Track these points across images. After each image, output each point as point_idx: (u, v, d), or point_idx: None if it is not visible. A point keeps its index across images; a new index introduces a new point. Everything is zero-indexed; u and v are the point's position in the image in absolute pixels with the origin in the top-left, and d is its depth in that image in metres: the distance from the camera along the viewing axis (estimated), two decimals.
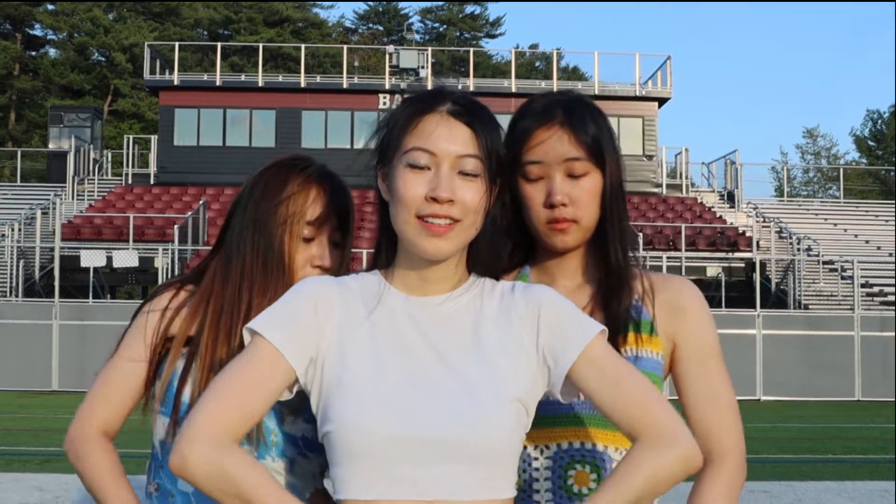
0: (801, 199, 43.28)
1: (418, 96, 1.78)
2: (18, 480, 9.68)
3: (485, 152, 1.72)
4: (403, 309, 1.73)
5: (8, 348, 22.32)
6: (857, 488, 9.84)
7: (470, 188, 1.69)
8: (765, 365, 22.62)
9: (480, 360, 1.69)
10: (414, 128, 1.72)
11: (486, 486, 1.64)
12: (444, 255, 1.70)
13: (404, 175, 1.70)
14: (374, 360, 1.68)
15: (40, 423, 16.00)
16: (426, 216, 1.66)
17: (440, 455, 1.61)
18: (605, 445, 1.96)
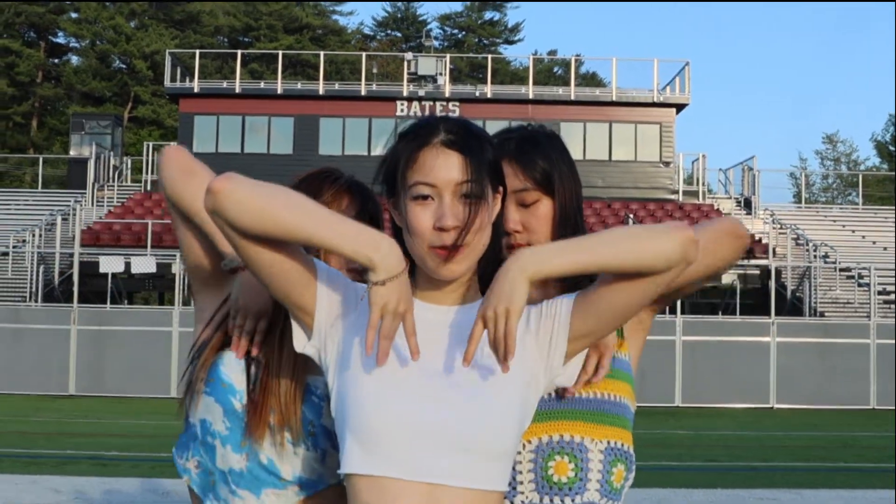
0: (819, 206, 43.07)
1: (414, 131, 1.94)
2: (35, 482, 9.85)
3: (479, 174, 1.88)
4: (422, 316, 1.88)
5: (27, 353, 22.48)
6: (868, 496, 9.90)
7: (473, 211, 1.86)
8: (779, 373, 22.54)
9: (488, 361, 1.85)
10: (414, 163, 1.89)
11: (486, 478, 1.83)
12: (458, 276, 1.91)
13: (412, 208, 1.88)
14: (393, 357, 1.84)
15: (56, 426, 16.15)
16: (434, 242, 1.86)
17: (448, 446, 1.80)
18: (581, 437, 2.11)
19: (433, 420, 1.80)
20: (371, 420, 1.81)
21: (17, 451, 12.60)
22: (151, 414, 18.59)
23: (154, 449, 13.07)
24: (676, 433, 16.68)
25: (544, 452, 2.10)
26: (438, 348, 1.88)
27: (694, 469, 12.12)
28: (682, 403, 22.10)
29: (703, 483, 10.66)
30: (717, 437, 16.33)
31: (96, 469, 11.02)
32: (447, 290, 1.95)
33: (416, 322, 1.82)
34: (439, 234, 1.85)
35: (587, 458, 2.11)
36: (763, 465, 12.60)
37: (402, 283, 1.77)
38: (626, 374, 2.21)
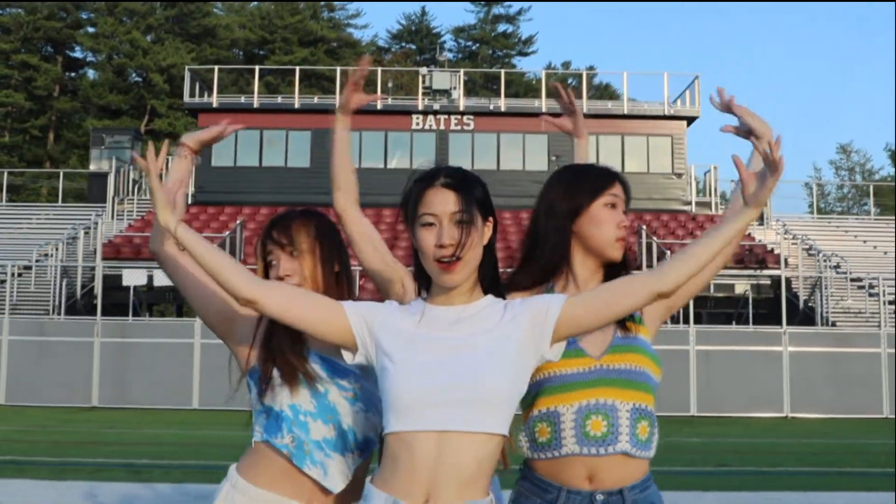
0: (832, 216, 43.23)
1: (422, 177, 2.63)
2: (72, 488, 10.25)
3: (469, 206, 2.54)
4: (436, 314, 2.59)
5: (51, 365, 22.75)
6: (870, 498, 10.22)
7: (466, 233, 2.51)
8: (792, 382, 22.75)
9: (485, 342, 2.50)
10: (421, 200, 2.57)
11: (482, 423, 2.43)
12: (457, 284, 2.56)
13: (420, 232, 2.55)
14: (415, 338, 2.54)
15: (86, 436, 16.49)
16: (439, 258, 2.51)
17: (454, 402, 2.42)
18: (612, 400, 2.75)
19: (443, 385, 2.43)
20: (398, 393, 2.46)
21: (50, 459, 13.00)
22: (176, 424, 18.97)
23: (183, 457, 13.46)
24: (690, 441, 16.94)
25: (583, 413, 2.73)
26: (448, 336, 2.53)
27: (705, 474, 12.42)
28: (697, 413, 22.33)
29: (713, 486, 11.01)
30: (730, 444, 16.60)
31: (129, 476, 11.39)
32: (454, 295, 2.59)
33: (431, 319, 2.57)
34: (440, 251, 2.50)
35: (617, 417, 2.73)
36: (772, 469, 12.90)
37: None
38: (646, 350, 2.85)
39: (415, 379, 2.44)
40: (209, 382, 22.33)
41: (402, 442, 2.44)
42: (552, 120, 3.72)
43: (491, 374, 2.44)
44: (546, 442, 2.76)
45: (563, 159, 34.74)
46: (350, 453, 2.85)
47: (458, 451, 2.41)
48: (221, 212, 33.85)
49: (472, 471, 2.42)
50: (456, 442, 2.41)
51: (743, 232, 2.66)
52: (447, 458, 2.40)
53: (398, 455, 2.45)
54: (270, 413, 2.89)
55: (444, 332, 2.53)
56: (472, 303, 2.59)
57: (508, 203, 33.88)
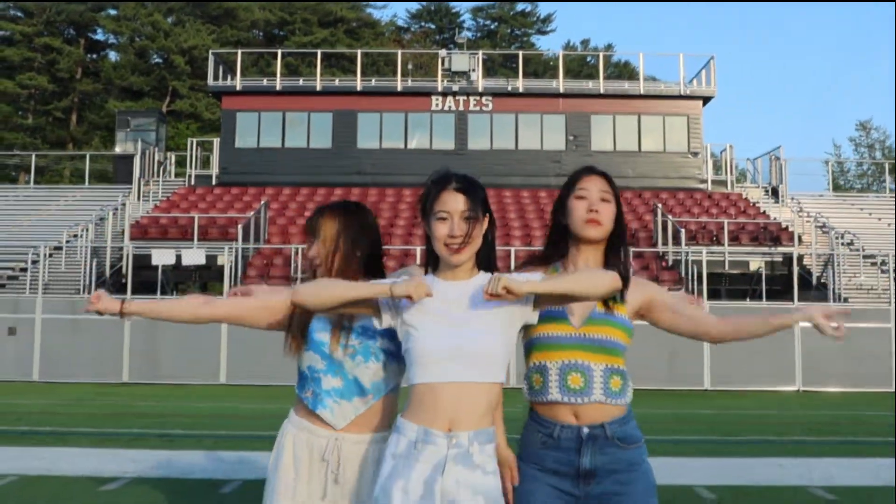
0: (847, 194, 43.53)
1: (437, 180, 3.38)
2: (115, 455, 10.90)
3: (474, 206, 3.33)
4: (442, 288, 3.34)
5: (83, 342, 23.48)
6: (867, 464, 10.77)
7: (471, 227, 3.31)
8: (804, 357, 23.19)
9: (484, 310, 3.27)
10: (437, 199, 3.34)
11: (484, 373, 3.24)
12: (462, 263, 3.35)
13: (436, 224, 3.34)
14: (430, 308, 3.29)
15: (120, 409, 17.10)
16: (450, 244, 3.30)
17: (459, 356, 3.21)
18: (587, 361, 3.45)
19: (454, 346, 3.21)
20: (421, 353, 3.24)
21: (88, 430, 13.66)
22: (205, 398, 19.64)
23: (214, 427, 14.10)
24: (702, 412, 17.49)
25: (564, 370, 3.44)
26: (457, 305, 3.29)
27: (712, 442, 13.00)
28: (710, 387, 22.86)
29: (719, 454, 11.58)
30: (740, 415, 17.11)
31: (165, 444, 12.03)
32: (458, 272, 3.36)
33: (441, 291, 3.31)
34: (451, 239, 3.29)
35: (591, 375, 3.43)
36: (778, 438, 13.44)
37: (406, 281, 3.24)
38: (619, 324, 3.54)
39: (433, 342, 3.22)
40: (236, 358, 23.02)
41: (428, 388, 3.22)
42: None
43: (489, 340, 3.24)
44: (539, 389, 3.49)
45: (581, 139, 35.18)
46: (357, 398, 3.59)
47: (472, 395, 3.20)
48: (245, 192, 34.44)
49: (482, 408, 3.23)
50: (469, 389, 3.20)
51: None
52: (463, 400, 3.19)
53: (423, 398, 3.22)
54: (300, 374, 3.73)
55: (452, 303, 3.28)
56: (471, 279, 3.35)
57: (526, 182, 34.38)
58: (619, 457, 3.39)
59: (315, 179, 35.65)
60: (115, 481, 9.10)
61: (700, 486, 9.04)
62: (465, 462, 3.13)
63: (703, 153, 36.53)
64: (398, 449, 3.20)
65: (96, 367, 23.40)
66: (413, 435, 3.18)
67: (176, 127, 61.52)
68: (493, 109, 36.00)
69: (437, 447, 3.15)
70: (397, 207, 32.85)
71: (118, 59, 67.99)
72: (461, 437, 3.16)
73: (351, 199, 28.39)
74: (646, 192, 34.28)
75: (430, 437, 3.16)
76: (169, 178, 38.08)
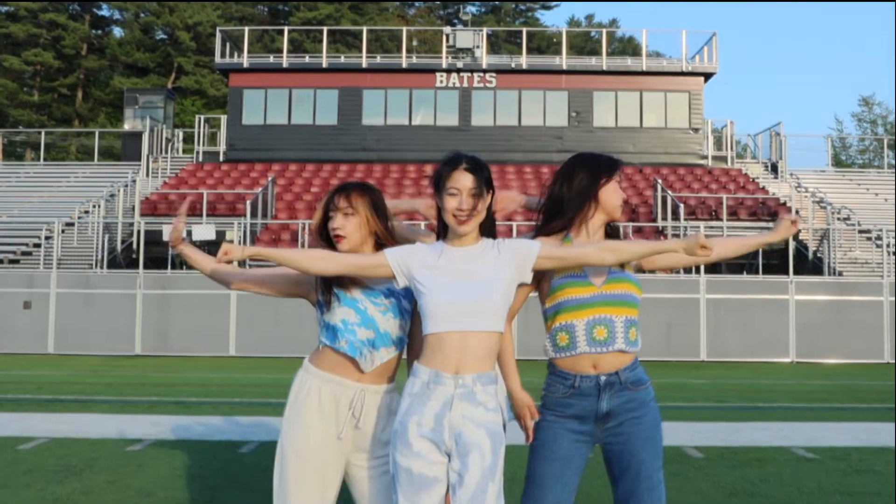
0: (845, 170, 44.01)
1: (449, 160, 3.91)
2: (135, 420, 11.53)
3: (480, 185, 3.86)
4: (451, 253, 3.89)
5: (96, 316, 24.05)
6: (849, 427, 11.35)
7: (477, 202, 3.85)
8: (797, 329, 23.72)
9: (485, 266, 3.84)
10: (449, 177, 3.87)
11: (487, 322, 3.77)
12: (468, 232, 3.88)
13: (447, 199, 3.86)
14: (439, 268, 3.83)
15: (136, 379, 17.68)
16: (458, 216, 3.82)
17: (464, 309, 3.75)
18: (611, 315, 3.99)
19: (461, 302, 3.74)
20: (431, 308, 3.77)
21: (108, 398, 14.26)
22: (216, 369, 20.25)
23: (228, 395, 14.70)
24: (697, 382, 18.06)
25: (591, 325, 3.98)
26: (462, 268, 3.82)
27: (703, 408, 13.58)
28: (706, 358, 23.43)
29: (710, 419, 12.18)
30: (732, 384, 17.66)
31: (182, 410, 12.64)
32: (464, 240, 3.89)
33: (449, 255, 3.86)
34: (460, 212, 3.82)
35: (614, 326, 3.99)
36: (766, 405, 14.02)
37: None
38: (631, 280, 4.08)
39: (442, 298, 3.75)
40: (245, 331, 23.64)
41: (438, 338, 3.76)
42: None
43: (491, 294, 3.78)
44: (565, 346, 4.03)
45: (583, 115, 35.64)
46: (384, 348, 4.10)
47: (475, 343, 3.74)
48: (252, 168, 34.99)
49: (484, 353, 3.77)
50: (472, 337, 3.74)
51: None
52: (468, 347, 3.73)
53: (435, 346, 3.76)
54: (329, 327, 4.14)
55: (459, 265, 3.83)
56: (475, 245, 3.91)
57: (528, 158, 34.87)
58: (631, 398, 4.01)
59: (321, 156, 36.18)
60: (140, 442, 9.71)
61: (689, 447, 9.62)
62: (469, 400, 3.71)
63: (704, 129, 37.02)
64: (414, 389, 3.77)
65: (109, 340, 23.99)
66: (426, 377, 3.74)
67: (181, 103, 61.85)
68: (497, 86, 36.48)
69: (445, 387, 3.70)
70: (402, 183, 33.37)
71: (123, 36, 68.27)
72: (466, 379, 3.71)
73: (356, 175, 28.87)
74: (647, 167, 34.78)
75: (440, 379, 3.72)
76: (177, 155, 38.62)
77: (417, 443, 3.68)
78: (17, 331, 24.08)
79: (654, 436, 4.05)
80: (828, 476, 8.25)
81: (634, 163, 35.14)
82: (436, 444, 3.68)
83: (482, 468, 3.63)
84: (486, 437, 3.67)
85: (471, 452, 3.65)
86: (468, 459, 3.64)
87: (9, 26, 63.08)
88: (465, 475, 3.62)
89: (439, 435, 3.67)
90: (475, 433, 3.67)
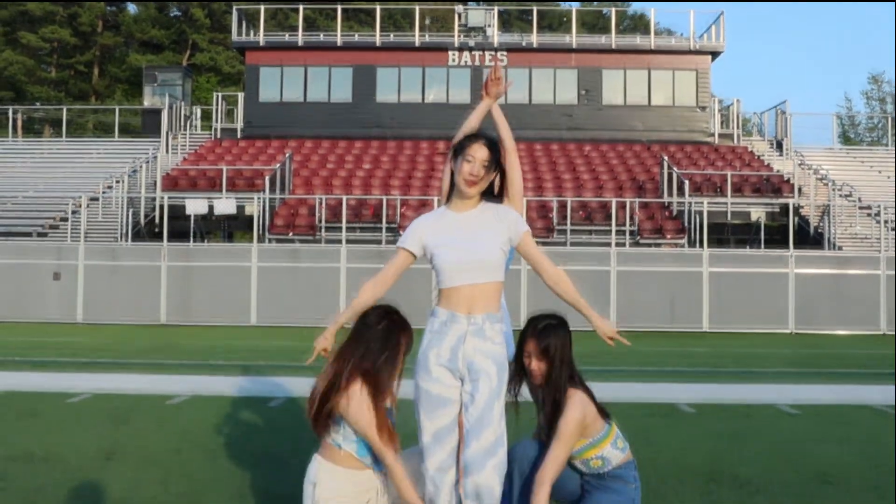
0: (851, 147, 44.65)
1: (470, 136, 4.67)
2: (169, 379, 12.44)
3: (491, 161, 4.61)
4: (453, 217, 4.63)
5: (122, 287, 25.02)
6: (834, 388, 12.17)
7: (485, 173, 4.59)
8: (797, 301, 24.49)
9: (485, 232, 4.58)
10: (469, 147, 4.60)
11: (490, 275, 4.57)
12: (472, 195, 4.63)
13: (463, 164, 4.58)
14: (446, 235, 4.60)
15: (165, 344, 18.60)
16: (468, 179, 4.56)
17: (472, 266, 4.55)
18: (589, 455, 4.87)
19: (466, 259, 4.51)
20: (444, 263, 4.54)
21: (140, 361, 15.18)
22: (238, 337, 21.14)
23: (252, 359, 15.59)
24: (697, 350, 18.92)
25: (587, 461, 4.84)
26: (465, 228, 4.57)
27: (700, 372, 14.43)
28: (708, 329, 24.25)
29: (703, 380, 13.03)
30: (731, 352, 18.47)
31: (211, 371, 13.55)
32: (468, 204, 4.62)
33: (452, 220, 4.60)
34: (471, 176, 4.53)
35: (608, 460, 4.86)
36: (760, 370, 14.86)
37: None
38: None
39: (452, 256, 4.53)
40: (265, 301, 24.59)
41: (451, 290, 4.56)
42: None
43: (492, 251, 4.55)
44: (597, 467, 4.90)
45: (592, 93, 36.34)
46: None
47: (481, 290, 4.55)
48: (269, 145, 35.80)
49: (489, 298, 4.58)
50: (479, 287, 4.54)
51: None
52: (476, 294, 4.54)
53: (450, 296, 4.56)
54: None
55: (462, 226, 4.58)
56: (476, 208, 4.65)
57: (539, 135, 35.60)
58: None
59: (336, 132, 36.98)
60: (177, 397, 10.59)
61: (682, 403, 10.46)
62: (479, 335, 4.52)
63: (711, 107, 37.69)
64: (433, 327, 4.57)
65: (136, 310, 24.97)
66: (444, 317, 4.52)
67: (196, 80, 62.44)
68: (508, 64, 37.16)
69: (459, 325, 4.49)
70: (415, 159, 34.13)
71: (138, 13, 68.75)
72: (477, 318, 4.49)
73: (370, 151, 29.70)
74: (655, 144, 35.48)
75: (455, 318, 4.49)
76: (196, 132, 39.43)
77: (436, 370, 4.50)
78: (48, 301, 25.09)
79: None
80: (805, 426, 9.04)
81: (643, 140, 35.87)
82: (451, 371, 4.50)
83: (490, 390, 4.46)
84: (492, 366, 4.49)
85: (480, 378, 4.46)
86: (478, 383, 4.46)
87: (26, 3, 63.59)
88: (476, 395, 4.45)
89: (454, 364, 4.49)
90: (484, 362, 4.48)
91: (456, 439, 4.50)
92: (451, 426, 4.49)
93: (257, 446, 7.74)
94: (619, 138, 36.24)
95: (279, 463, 7.03)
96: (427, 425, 4.49)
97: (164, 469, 6.81)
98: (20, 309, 25.10)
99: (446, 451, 4.48)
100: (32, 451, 7.43)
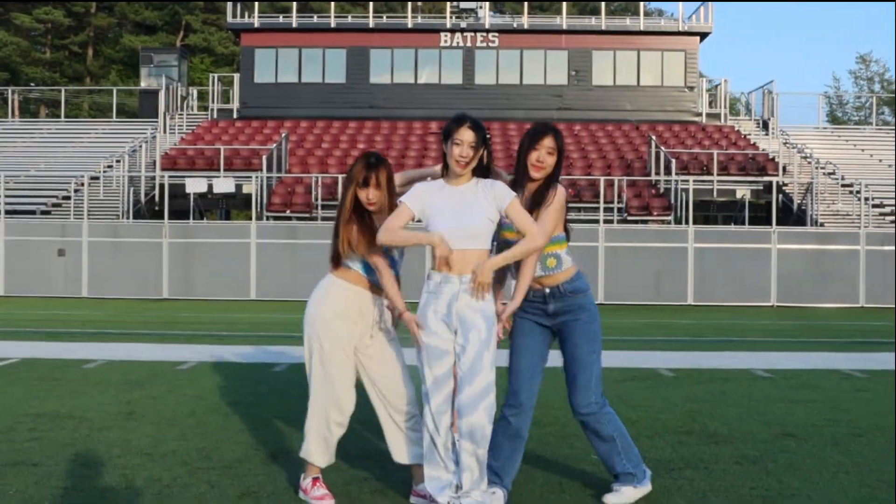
0: (836, 127, 45.38)
1: (457, 119, 5.11)
2: (177, 348, 13.14)
3: (478, 142, 5.10)
4: (450, 190, 5.15)
5: (125, 263, 25.77)
6: (808, 356, 12.85)
7: (474, 152, 5.09)
8: (779, 275, 25.22)
9: (476, 205, 5.11)
10: (456, 131, 5.07)
11: (478, 243, 5.11)
12: (464, 174, 5.14)
13: (452, 147, 5.07)
14: (442, 205, 5.12)
15: (169, 318, 19.32)
16: (458, 161, 5.07)
17: (464, 234, 5.07)
18: (548, 251, 5.34)
19: (458, 227, 5.01)
20: (438, 231, 5.02)
21: (147, 332, 15.88)
22: (239, 310, 21.83)
23: (254, 330, 16.30)
24: (681, 322, 19.64)
25: (545, 257, 5.29)
26: (459, 201, 5.06)
27: (683, 341, 15.16)
28: (693, 302, 24.99)
29: (684, 349, 13.75)
30: (713, 324, 19.21)
31: (216, 341, 14.25)
32: (461, 180, 5.10)
33: (448, 193, 5.09)
34: (461, 158, 5.01)
35: (562, 260, 5.35)
36: (741, 339, 15.59)
37: (440, 246, 5.04)
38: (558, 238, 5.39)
39: (445, 224, 5.02)
40: (264, 276, 25.36)
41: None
42: None
43: (481, 221, 5.06)
44: (552, 267, 5.38)
45: (582, 74, 36.98)
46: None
47: (471, 256, 5.05)
48: (265, 125, 36.37)
49: (479, 261, 5.09)
50: (469, 252, 5.06)
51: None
52: (466, 258, 5.03)
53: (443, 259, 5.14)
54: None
55: (456, 199, 5.09)
56: (468, 183, 5.14)
57: (530, 116, 36.19)
58: (570, 302, 5.46)
59: (330, 113, 37.55)
60: (186, 363, 11.26)
61: (663, 369, 11.14)
62: (470, 293, 5.14)
63: (699, 87, 38.35)
64: (430, 287, 5.15)
65: (139, 285, 25.75)
66: (438, 278, 5.10)
67: (190, 61, 62.69)
68: (500, 46, 37.76)
69: (452, 285, 5.08)
70: (408, 140, 34.75)
71: None
72: (466, 279, 5.09)
73: (364, 132, 30.39)
74: (643, 124, 36.12)
75: (448, 279, 5.06)
76: (193, 113, 40.01)
77: (434, 325, 5.13)
78: (53, 276, 25.86)
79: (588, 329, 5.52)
80: (777, 389, 9.67)
81: (631, 120, 36.52)
82: (447, 325, 5.12)
83: (479, 341, 5.09)
84: (481, 319, 5.11)
85: (471, 330, 5.09)
86: (469, 335, 5.08)
87: None
88: (467, 346, 5.08)
89: (449, 318, 5.11)
90: (474, 316, 5.10)
91: (451, 386, 5.11)
92: (448, 374, 5.11)
93: (266, 407, 8.37)
94: (609, 118, 36.81)
95: (288, 421, 7.64)
96: (428, 373, 5.13)
97: (181, 427, 7.40)
98: (27, 284, 25.89)
99: (443, 395, 5.11)
100: (58, 410, 8.05)
